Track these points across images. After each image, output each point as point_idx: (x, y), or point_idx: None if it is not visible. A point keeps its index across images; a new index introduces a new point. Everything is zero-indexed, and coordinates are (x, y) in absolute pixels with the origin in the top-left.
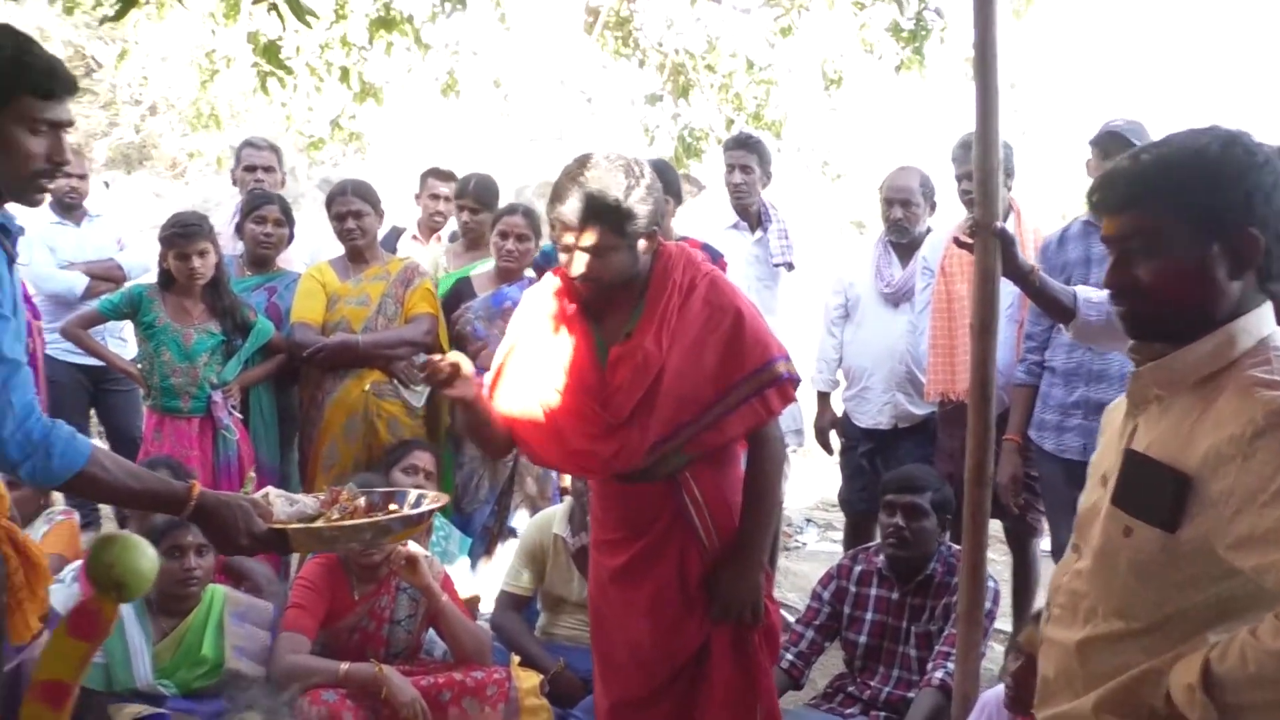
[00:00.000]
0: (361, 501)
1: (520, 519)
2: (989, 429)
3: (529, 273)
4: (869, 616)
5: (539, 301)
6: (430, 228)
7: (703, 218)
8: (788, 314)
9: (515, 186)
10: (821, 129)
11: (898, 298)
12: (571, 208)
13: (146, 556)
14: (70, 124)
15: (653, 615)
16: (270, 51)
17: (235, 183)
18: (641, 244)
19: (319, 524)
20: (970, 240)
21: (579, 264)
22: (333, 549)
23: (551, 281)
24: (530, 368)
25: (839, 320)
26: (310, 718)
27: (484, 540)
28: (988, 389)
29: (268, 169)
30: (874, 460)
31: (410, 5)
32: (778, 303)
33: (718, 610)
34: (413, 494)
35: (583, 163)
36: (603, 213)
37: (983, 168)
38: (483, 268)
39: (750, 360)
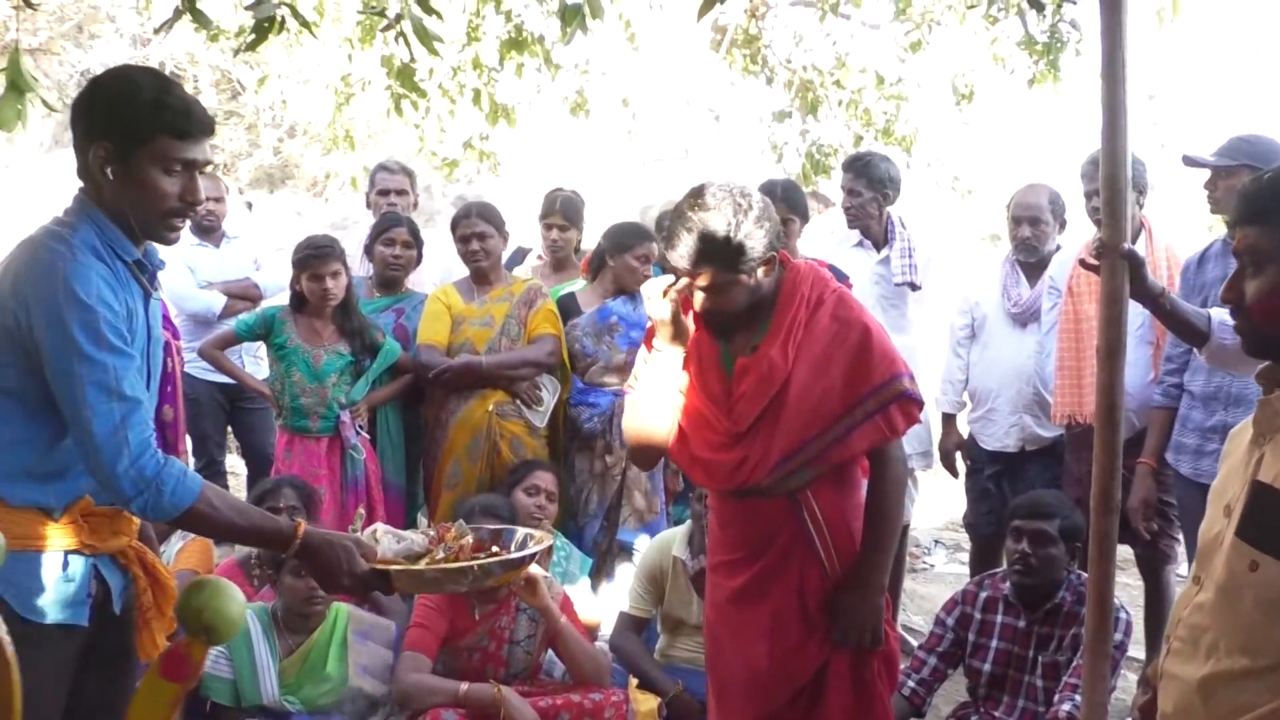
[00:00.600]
0: (469, 539)
1: (629, 534)
2: (1116, 456)
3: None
4: (994, 644)
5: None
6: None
7: (831, 234)
8: (918, 334)
9: (641, 205)
10: (952, 144)
11: (1025, 318)
12: (683, 252)
13: (235, 601)
14: (206, 164)
15: (771, 637)
16: (404, 75)
17: (369, 206)
18: (760, 272)
19: (422, 565)
20: (1097, 262)
21: (699, 300)
22: (436, 590)
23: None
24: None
25: (965, 340)
26: None
27: (594, 555)
28: (1114, 415)
29: (400, 192)
30: (1000, 483)
31: (540, 26)
32: (907, 321)
33: (838, 634)
34: (520, 533)
35: (691, 202)
36: (714, 254)
37: (1110, 186)
38: (581, 285)
39: (876, 375)
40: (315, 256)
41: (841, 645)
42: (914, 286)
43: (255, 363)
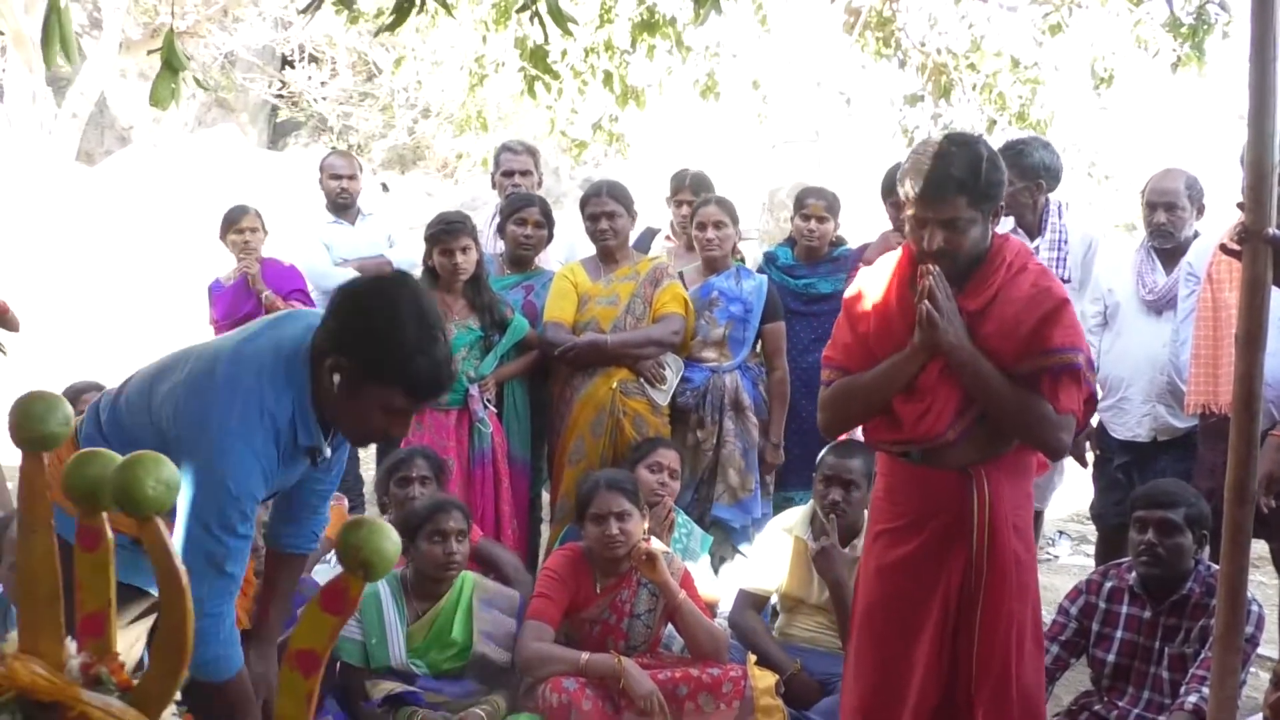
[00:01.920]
0: None
1: (722, 510)
2: (1253, 446)
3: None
4: (1119, 635)
5: (875, 273)
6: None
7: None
8: None
9: (769, 188)
10: (1090, 129)
11: (1160, 305)
12: (937, 181)
13: (391, 540)
14: (418, 411)
15: (931, 615)
16: (537, 56)
17: (494, 186)
18: (992, 220)
19: None
20: (1238, 247)
21: (935, 238)
22: None
23: (891, 257)
24: (859, 331)
25: (1097, 328)
26: (551, 704)
27: None
28: (1253, 404)
29: (524, 173)
30: (1130, 473)
31: (673, 8)
32: None
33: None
34: None
35: (944, 141)
36: (965, 185)
37: (1255, 170)
38: (695, 262)
39: (1055, 340)
40: (447, 232)
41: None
42: (1063, 281)
43: None
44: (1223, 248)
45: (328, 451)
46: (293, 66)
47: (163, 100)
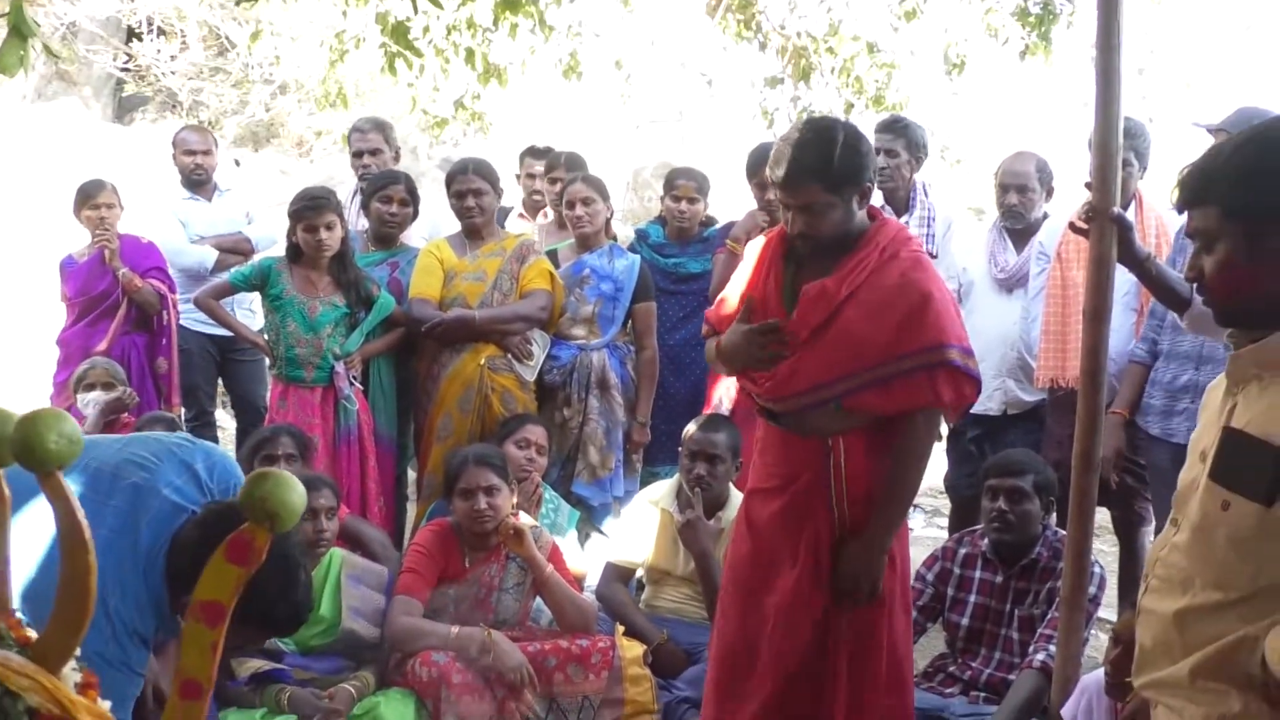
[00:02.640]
0: None
1: (582, 488)
2: (1098, 416)
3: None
4: (972, 599)
5: (753, 249)
6: (533, 206)
7: None
8: None
9: (634, 167)
10: (942, 114)
11: (1011, 283)
12: (788, 169)
13: (296, 492)
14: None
15: (792, 573)
16: (399, 32)
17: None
18: (855, 201)
19: None
20: (1086, 226)
21: (796, 223)
22: None
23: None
24: (734, 297)
25: None
26: (421, 678)
27: None
28: (1098, 376)
29: (374, 152)
30: (982, 446)
31: None
32: None
33: (838, 581)
34: None
35: (799, 126)
36: (817, 172)
37: (1102, 151)
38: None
39: (927, 337)
40: (311, 208)
41: (840, 594)
42: (930, 255)
43: (248, 314)
44: (1071, 226)
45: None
46: (139, 39)
47: (10, 67)
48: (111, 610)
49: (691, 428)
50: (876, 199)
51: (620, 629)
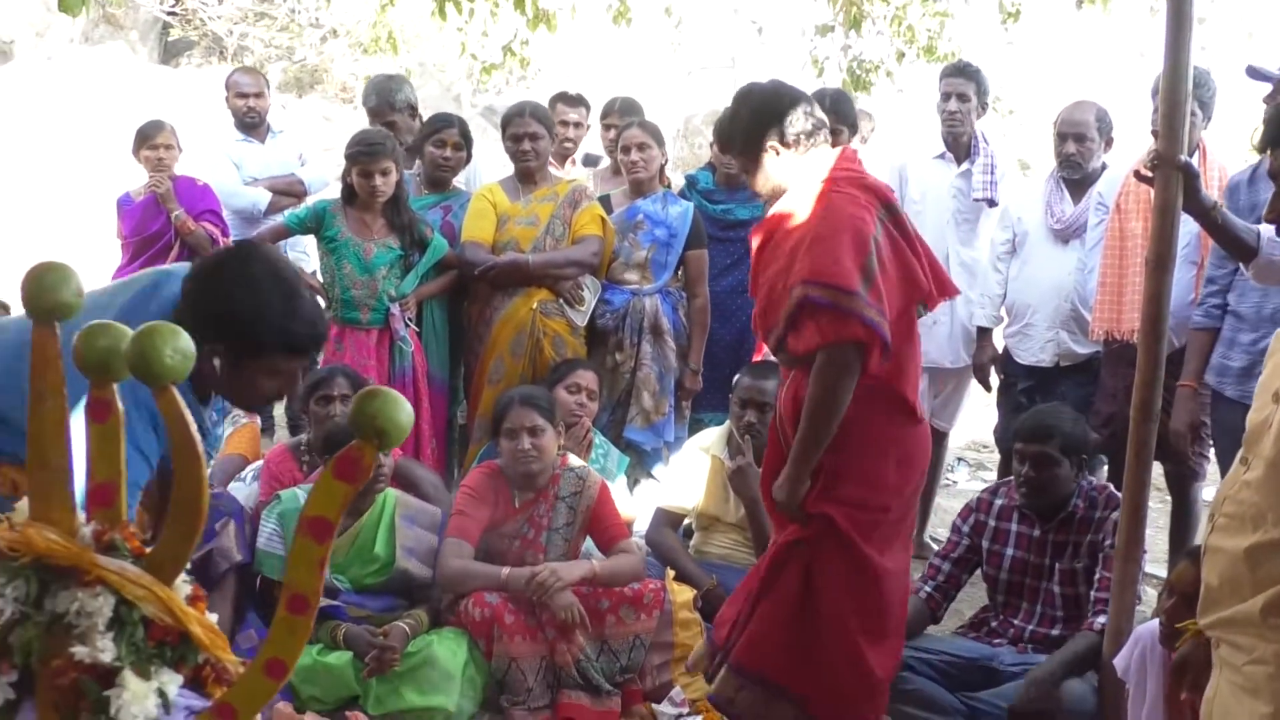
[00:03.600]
0: None
1: (634, 432)
2: (1158, 366)
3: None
4: (1009, 552)
5: None
6: (562, 154)
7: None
8: (983, 249)
9: (684, 115)
10: (996, 64)
11: (1067, 234)
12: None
13: (405, 411)
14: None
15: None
16: None
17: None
18: (769, 158)
19: None
20: (1151, 174)
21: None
22: None
23: None
24: None
25: (1005, 256)
26: (474, 618)
27: None
28: (1159, 326)
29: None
30: (1033, 398)
31: None
32: (976, 236)
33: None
34: None
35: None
36: (729, 139)
37: (1169, 99)
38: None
39: (798, 271)
40: (367, 154)
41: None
42: (992, 203)
43: (301, 257)
44: (1136, 174)
45: (209, 424)
46: None
47: (73, 7)
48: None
49: (743, 375)
50: (938, 145)
51: (670, 573)
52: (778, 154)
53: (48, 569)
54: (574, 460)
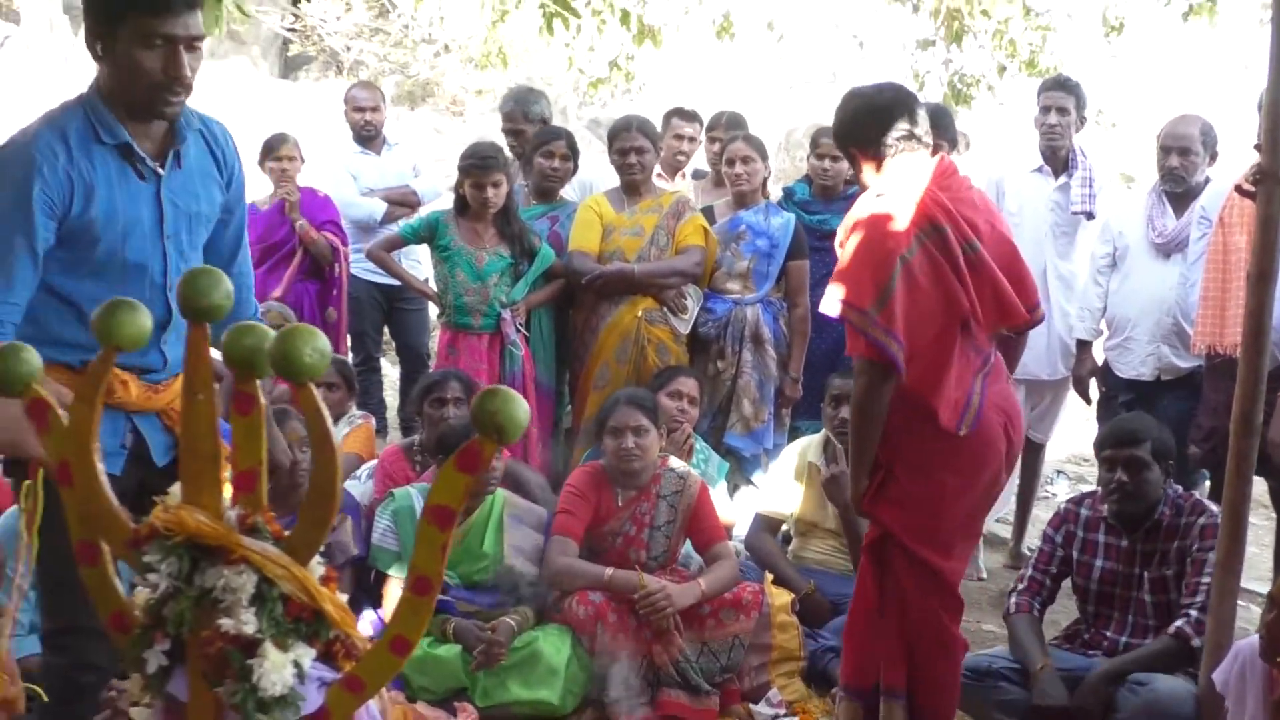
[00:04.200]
0: None
1: (734, 439)
2: (1260, 380)
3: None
4: (1098, 563)
5: None
6: (674, 167)
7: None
8: (1080, 262)
9: (785, 128)
10: (1098, 76)
11: (1169, 248)
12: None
13: (522, 409)
14: (191, 39)
15: None
16: None
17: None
18: (863, 160)
19: None
20: (1254, 188)
21: None
22: None
23: None
24: None
25: (1105, 269)
26: (578, 616)
27: None
28: (1261, 340)
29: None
30: (1134, 410)
31: None
32: (1073, 249)
33: None
34: None
35: None
36: (834, 137)
37: (1273, 113)
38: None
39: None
40: (479, 166)
41: None
42: (1090, 215)
43: (413, 265)
44: (1238, 189)
45: (145, 157)
46: (307, 0)
47: (208, 26)
48: None
49: (834, 376)
50: (1035, 158)
51: (769, 577)
52: (869, 156)
53: (198, 548)
54: (675, 461)
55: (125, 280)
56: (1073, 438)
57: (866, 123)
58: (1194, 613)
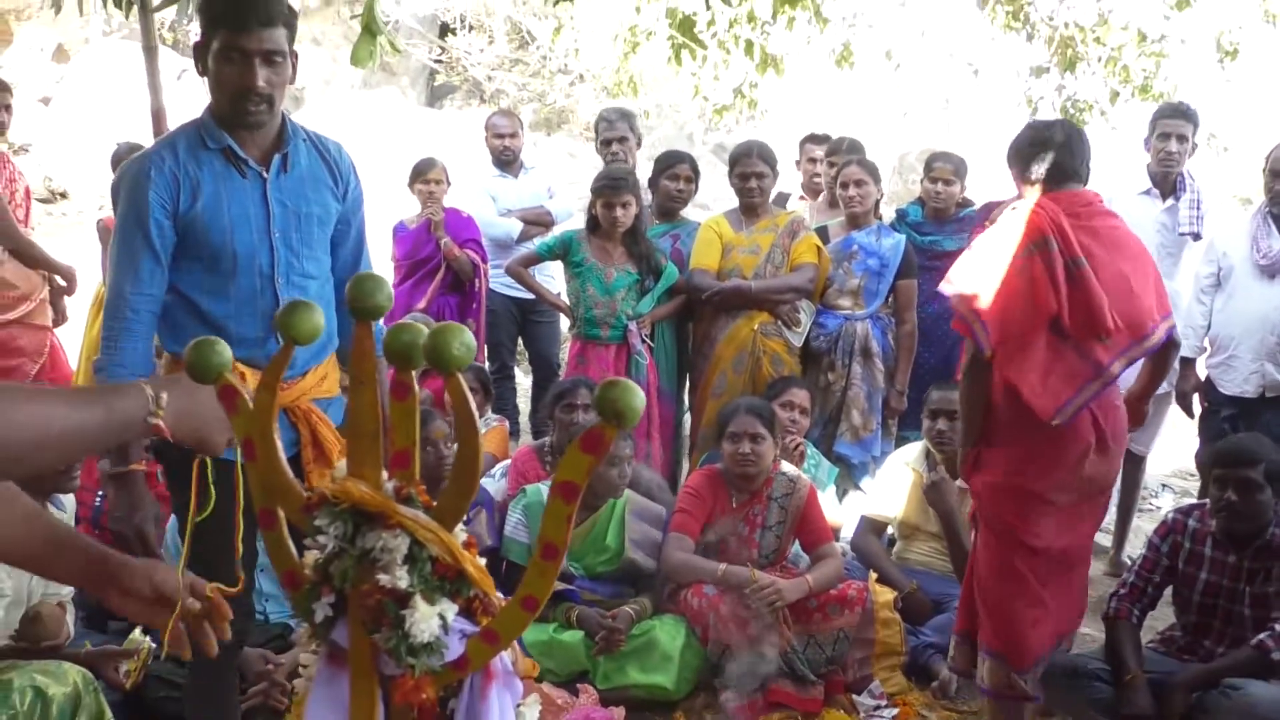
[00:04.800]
0: None
1: (845, 447)
2: None
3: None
4: (1203, 576)
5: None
6: (813, 189)
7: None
8: (1184, 282)
9: (899, 152)
10: (1211, 101)
11: (1274, 270)
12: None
13: (638, 397)
14: (263, 53)
15: None
16: (685, 26)
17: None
18: (1024, 185)
19: None
20: None
21: None
22: None
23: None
24: None
25: (1209, 289)
26: (693, 607)
27: None
28: None
29: (621, 140)
30: (1236, 425)
31: None
32: (1178, 270)
33: None
34: None
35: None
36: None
37: None
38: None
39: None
40: (611, 188)
41: None
42: (1197, 237)
43: (547, 280)
44: None
45: (248, 159)
46: (453, 34)
47: (362, 60)
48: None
49: (933, 389)
50: (1142, 180)
51: (873, 576)
52: (1021, 179)
53: (360, 514)
54: (786, 466)
55: (236, 272)
56: (1178, 453)
57: (1025, 152)
58: (1279, 627)
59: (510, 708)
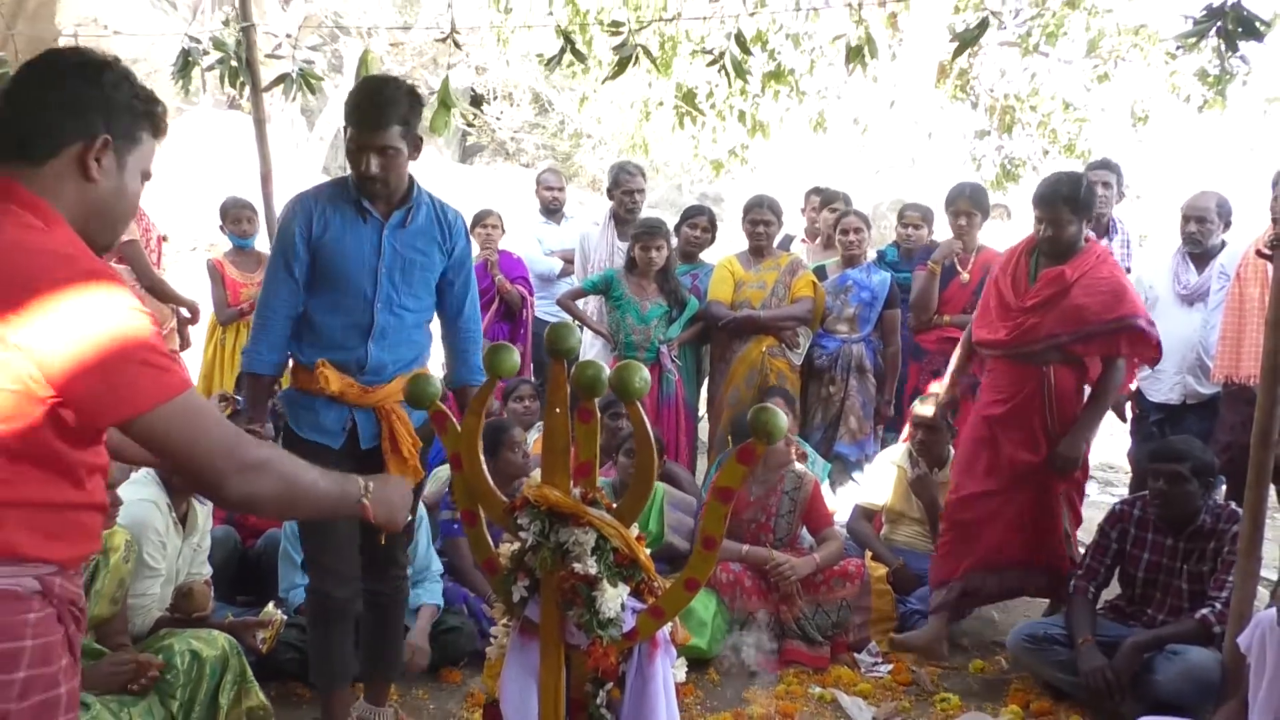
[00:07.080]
0: None
1: (843, 447)
2: (1276, 403)
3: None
4: (1145, 556)
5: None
6: (813, 233)
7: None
8: None
9: (871, 203)
10: (1126, 158)
11: (1192, 298)
12: (1047, 196)
13: (782, 419)
14: (377, 147)
15: (1016, 452)
16: (689, 98)
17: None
18: (1083, 223)
19: None
20: (1270, 252)
21: (1046, 232)
22: None
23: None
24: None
25: None
26: (721, 581)
27: None
28: (1277, 372)
29: (640, 191)
30: (1163, 428)
31: (793, 62)
32: None
33: (1054, 460)
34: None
35: (1057, 172)
36: (1067, 200)
37: None
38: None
39: (1121, 309)
40: (646, 233)
41: (1055, 466)
42: (1127, 271)
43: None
44: (1258, 252)
45: (371, 209)
46: (487, 102)
47: (440, 129)
48: None
49: (914, 403)
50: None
51: (868, 554)
52: (1087, 223)
53: (555, 514)
54: (796, 465)
55: (346, 294)
56: (1101, 449)
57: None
58: (1218, 605)
59: (670, 670)
